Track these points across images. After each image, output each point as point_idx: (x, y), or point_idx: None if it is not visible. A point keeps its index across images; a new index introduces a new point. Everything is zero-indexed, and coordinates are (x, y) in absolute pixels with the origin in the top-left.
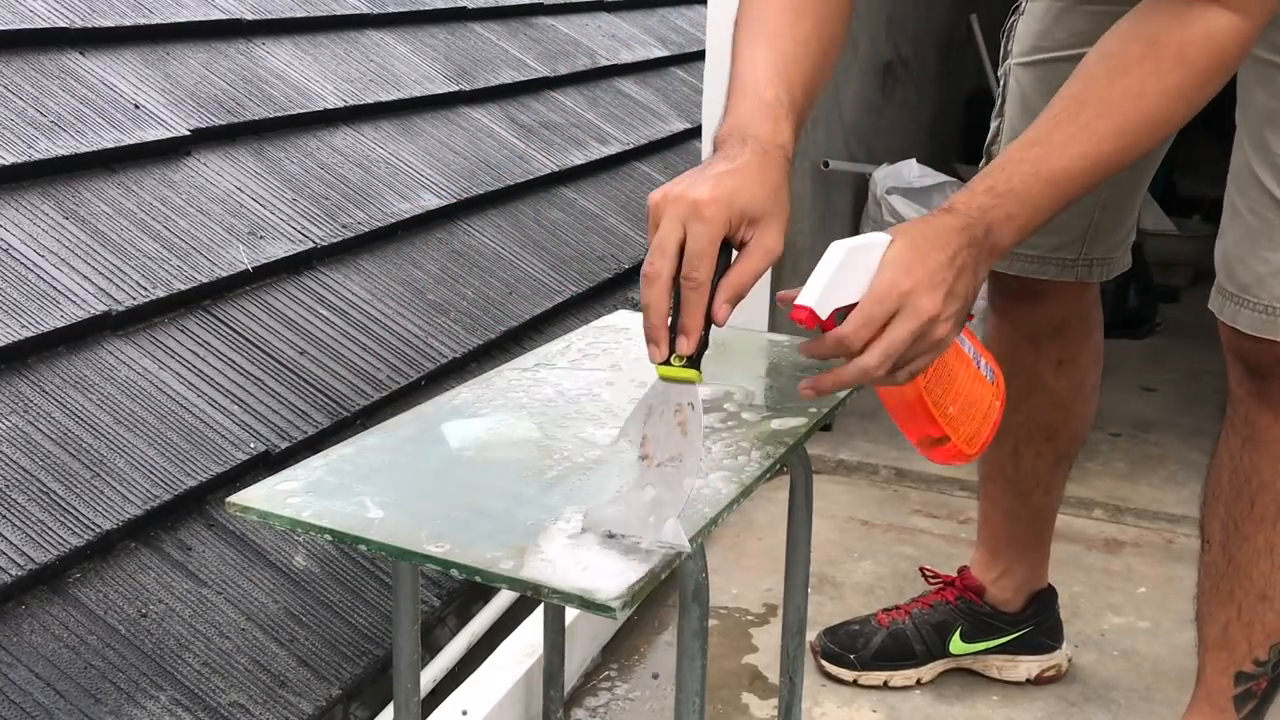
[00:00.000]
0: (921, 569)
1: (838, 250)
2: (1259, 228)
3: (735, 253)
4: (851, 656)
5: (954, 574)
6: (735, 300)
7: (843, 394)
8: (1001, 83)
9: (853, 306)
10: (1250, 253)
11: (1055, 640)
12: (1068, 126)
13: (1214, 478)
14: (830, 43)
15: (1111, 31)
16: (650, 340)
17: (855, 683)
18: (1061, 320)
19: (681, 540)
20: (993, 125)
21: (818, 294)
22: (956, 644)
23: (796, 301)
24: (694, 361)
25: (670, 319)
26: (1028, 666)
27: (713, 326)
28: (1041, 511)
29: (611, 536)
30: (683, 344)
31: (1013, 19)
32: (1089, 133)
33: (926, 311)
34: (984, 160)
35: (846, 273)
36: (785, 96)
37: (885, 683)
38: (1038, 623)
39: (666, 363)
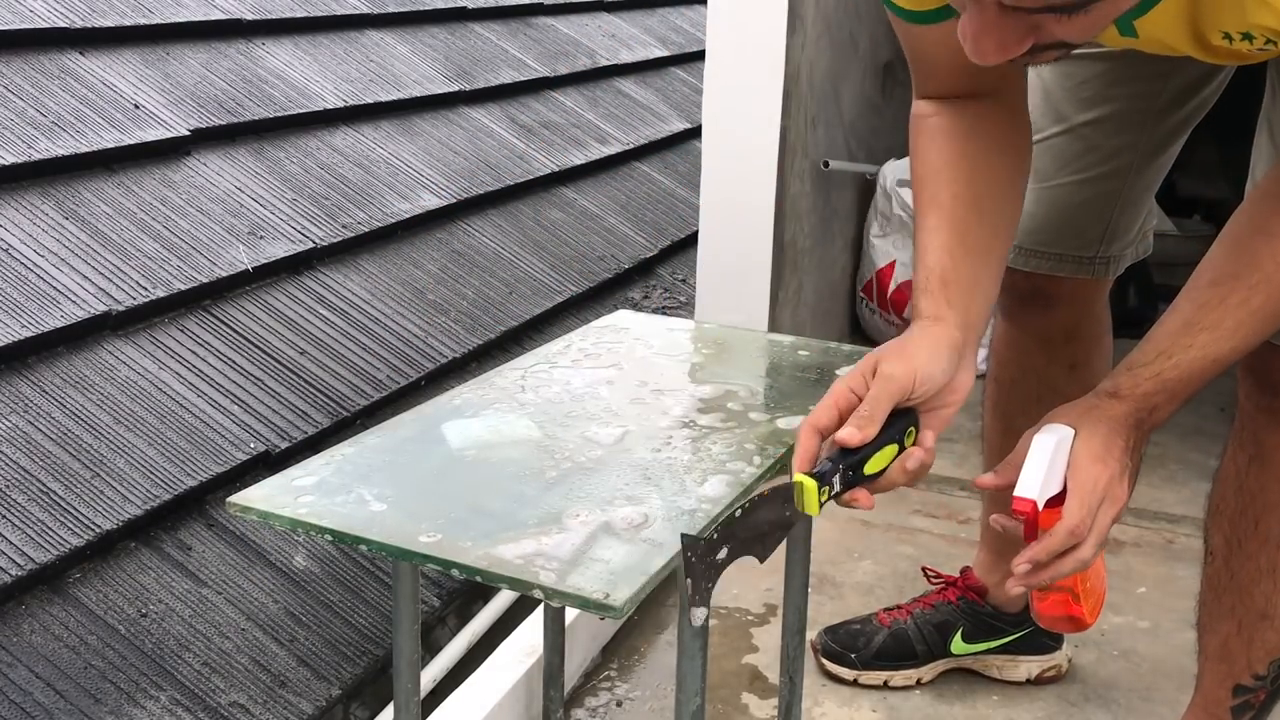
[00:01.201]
0: (924, 569)
1: (1048, 444)
2: None
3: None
4: (852, 655)
5: (955, 574)
6: (912, 480)
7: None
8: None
9: (1058, 495)
10: None
11: (1056, 641)
12: (1235, 311)
13: (1219, 490)
14: (1002, 193)
15: (1255, 192)
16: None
17: (855, 682)
18: (1074, 323)
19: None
20: None
21: (1038, 488)
22: (958, 644)
23: (1018, 494)
24: (821, 482)
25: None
26: (1028, 667)
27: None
28: None
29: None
30: (797, 461)
31: None
32: (1259, 316)
33: (1122, 499)
34: None
35: (1056, 464)
36: (945, 262)
37: (885, 682)
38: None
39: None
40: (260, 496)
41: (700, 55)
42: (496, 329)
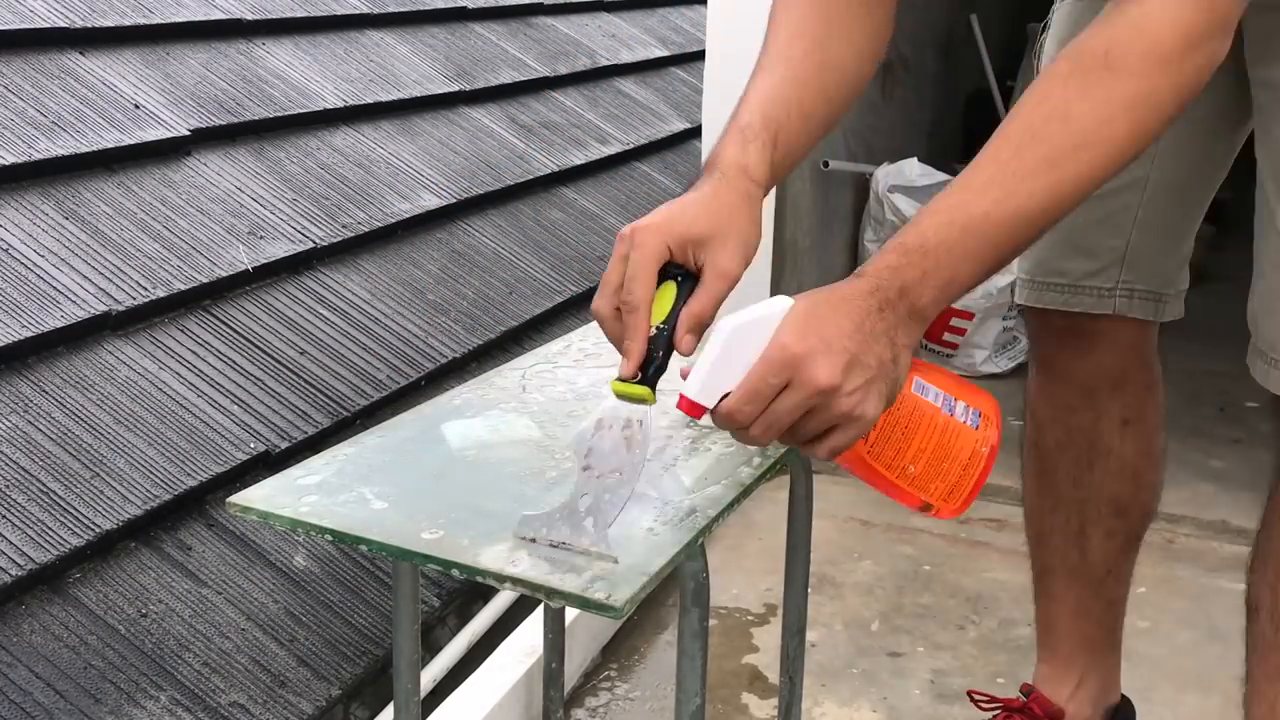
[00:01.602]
0: (970, 694)
1: (724, 330)
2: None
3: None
4: None
5: (1015, 695)
6: (696, 329)
7: None
8: None
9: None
10: (1275, 310)
11: None
12: (988, 168)
13: (1264, 540)
14: (832, 60)
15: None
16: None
17: None
18: (1121, 371)
19: (610, 550)
20: None
21: (698, 385)
22: None
23: (682, 391)
24: (648, 381)
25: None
26: None
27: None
28: (1114, 605)
29: (544, 544)
30: (623, 366)
31: (1043, 36)
32: (1009, 172)
33: (818, 383)
34: None
35: (735, 354)
36: (759, 119)
37: None
38: None
39: (622, 380)
40: (260, 496)
41: (700, 55)
42: (496, 329)
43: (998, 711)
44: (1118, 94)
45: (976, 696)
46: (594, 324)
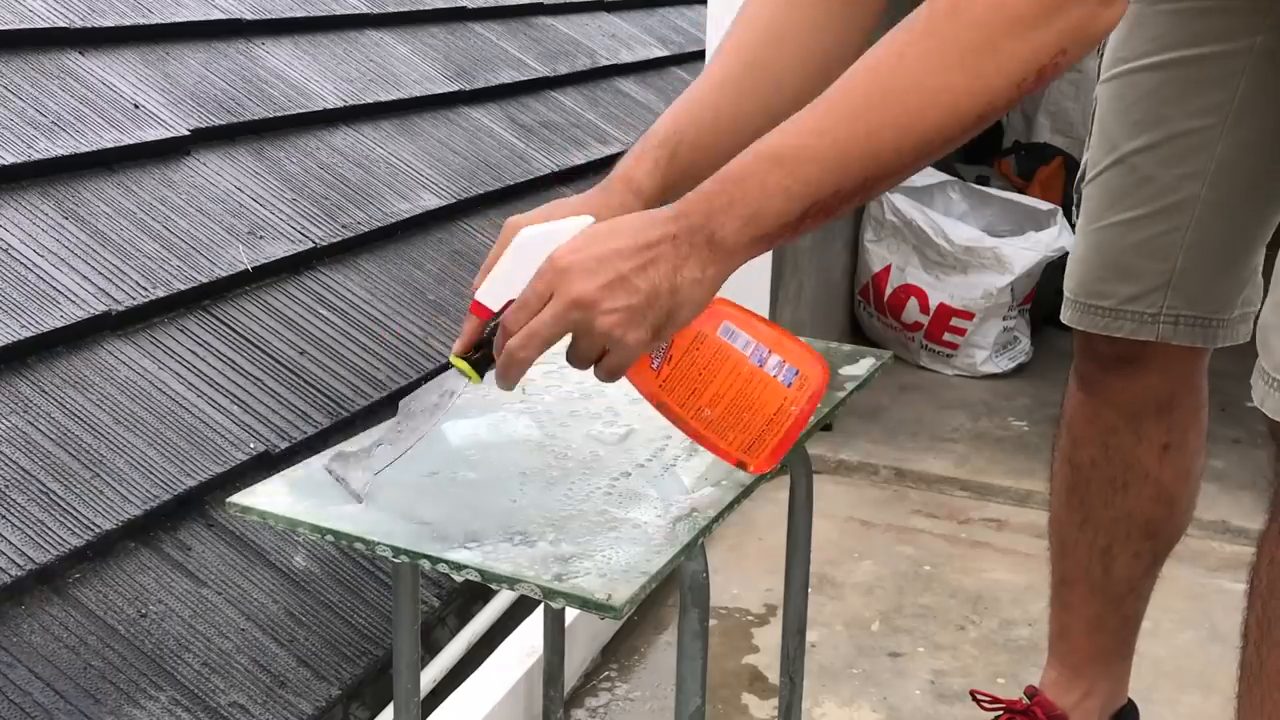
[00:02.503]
0: (973, 693)
1: (517, 240)
2: None
3: None
4: None
5: (1018, 697)
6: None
7: (844, 394)
8: (1094, 106)
9: None
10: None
11: None
12: (818, 106)
13: (1257, 566)
14: (780, 64)
15: None
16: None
17: None
18: (1168, 396)
19: (359, 489)
20: (1083, 159)
21: (485, 287)
22: None
23: (475, 295)
24: (477, 364)
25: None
26: None
27: None
28: (1131, 620)
29: (333, 477)
30: (457, 342)
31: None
32: (833, 109)
33: (573, 295)
34: (1075, 203)
35: (523, 263)
36: (662, 132)
37: None
38: None
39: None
40: (260, 496)
41: (700, 55)
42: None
43: (1000, 712)
44: (956, 43)
45: (979, 696)
46: None
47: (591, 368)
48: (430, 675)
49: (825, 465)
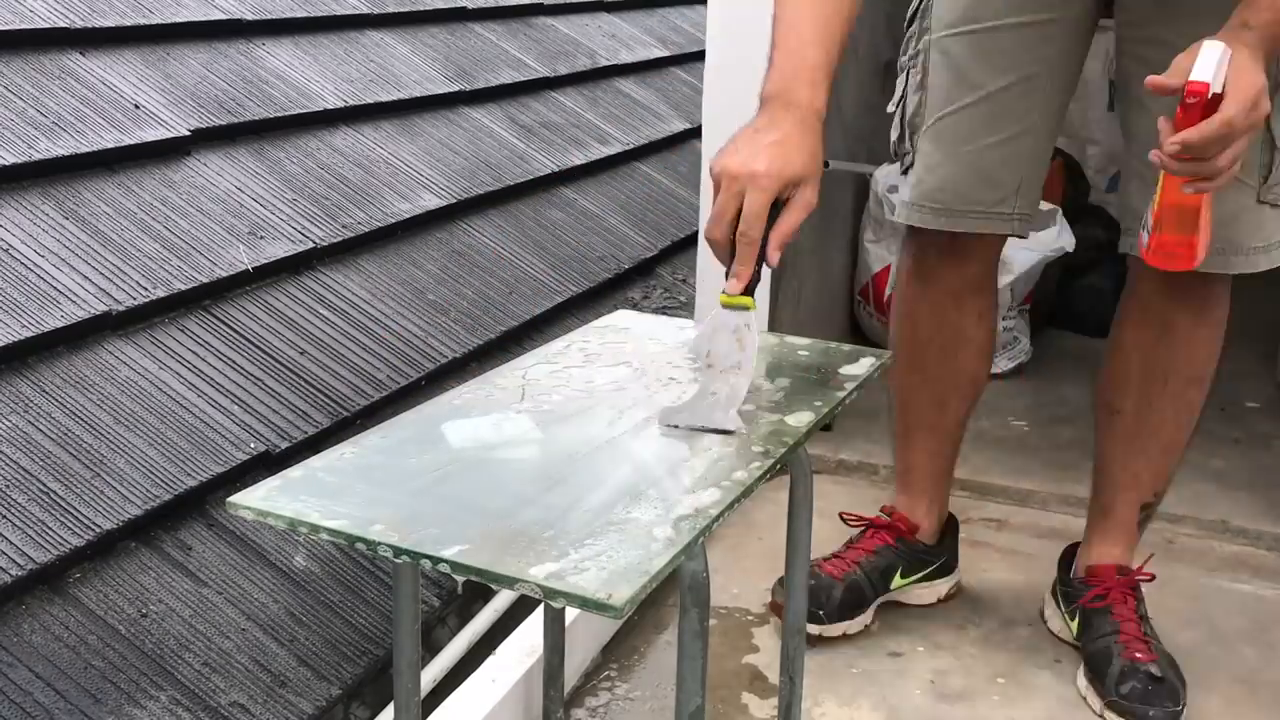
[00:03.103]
0: (843, 515)
1: (1216, 47)
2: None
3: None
4: (820, 611)
5: (875, 515)
6: (783, 245)
7: (843, 394)
8: (918, 60)
9: (1217, 97)
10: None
11: (956, 560)
12: None
13: (1120, 364)
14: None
15: None
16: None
17: (821, 636)
18: (983, 276)
19: (738, 424)
20: (910, 101)
21: (1212, 74)
22: (897, 581)
23: (1194, 78)
24: (749, 292)
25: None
26: (940, 589)
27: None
28: (957, 447)
29: (685, 428)
30: (731, 284)
31: (923, 2)
32: None
33: (1266, 108)
34: (905, 133)
35: (1220, 66)
36: (823, 58)
37: (844, 633)
38: (951, 550)
39: (730, 295)
40: (259, 496)
41: (700, 55)
42: (496, 329)
43: (865, 528)
44: None
45: (846, 517)
46: (595, 324)
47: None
48: (430, 675)
49: (825, 465)
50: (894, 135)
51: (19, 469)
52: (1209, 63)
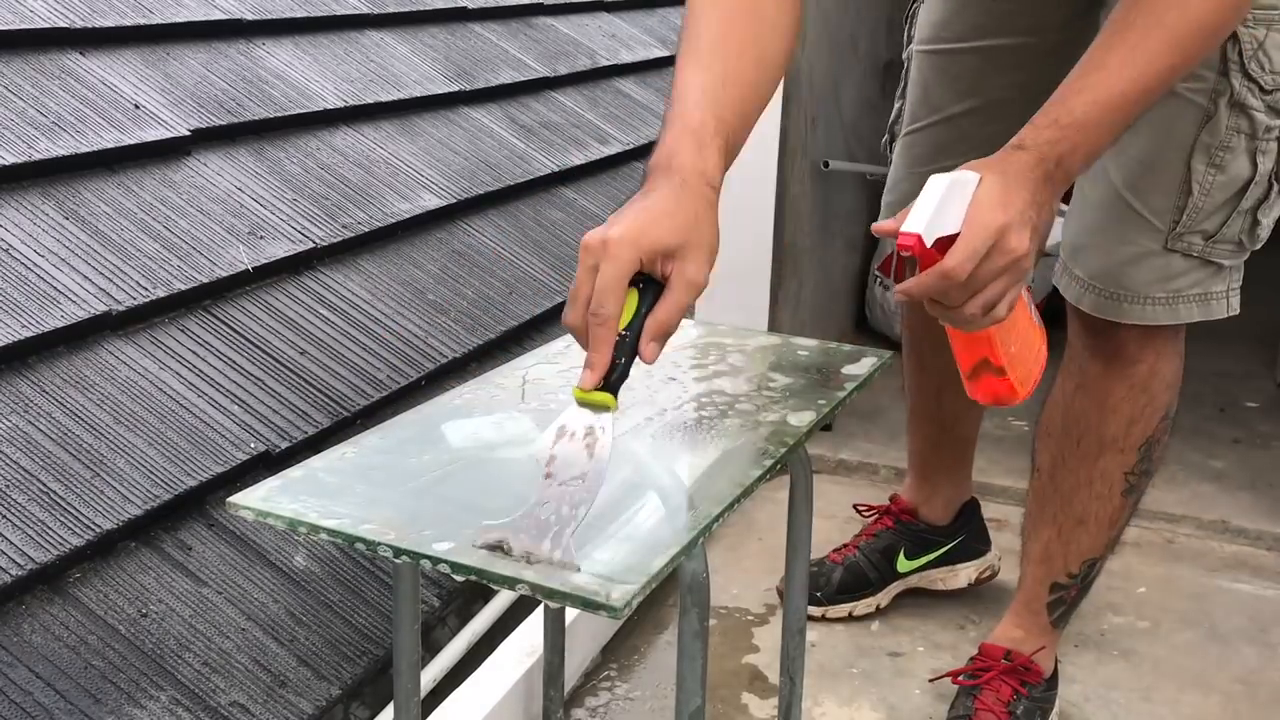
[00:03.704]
0: (855, 505)
1: (939, 183)
2: (1104, 222)
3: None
4: (818, 594)
5: (886, 504)
6: (660, 338)
7: (844, 394)
8: (905, 65)
9: (950, 238)
10: (1098, 244)
11: (984, 545)
12: (1119, 50)
13: (1047, 415)
14: (767, 59)
15: None
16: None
17: (824, 617)
18: None
19: (571, 557)
20: (895, 106)
21: (925, 223)
22: (902, 563)
23: (903, 229)
24: (610, 388)
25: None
26: (966, 573)
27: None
28: (962, 440)
29: (502, 551)
30: (585, 377)
31: (915, 4)
32: (1139, 53)
33: (1017, 249)
34: (887, 139)
35: (946, 205)
36: (712, 120)
37: (850, 613)
38: (968, 531)
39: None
40: (259, 496)
41: None
42: (496, 329)
43: (875, 515)
44: None
45: (859, 507)
46: None
47: (982, 311)
48: (430, 675)
49: (825, 465)
50: (882, 139)
51: (19, 469)
52: (926, 206)
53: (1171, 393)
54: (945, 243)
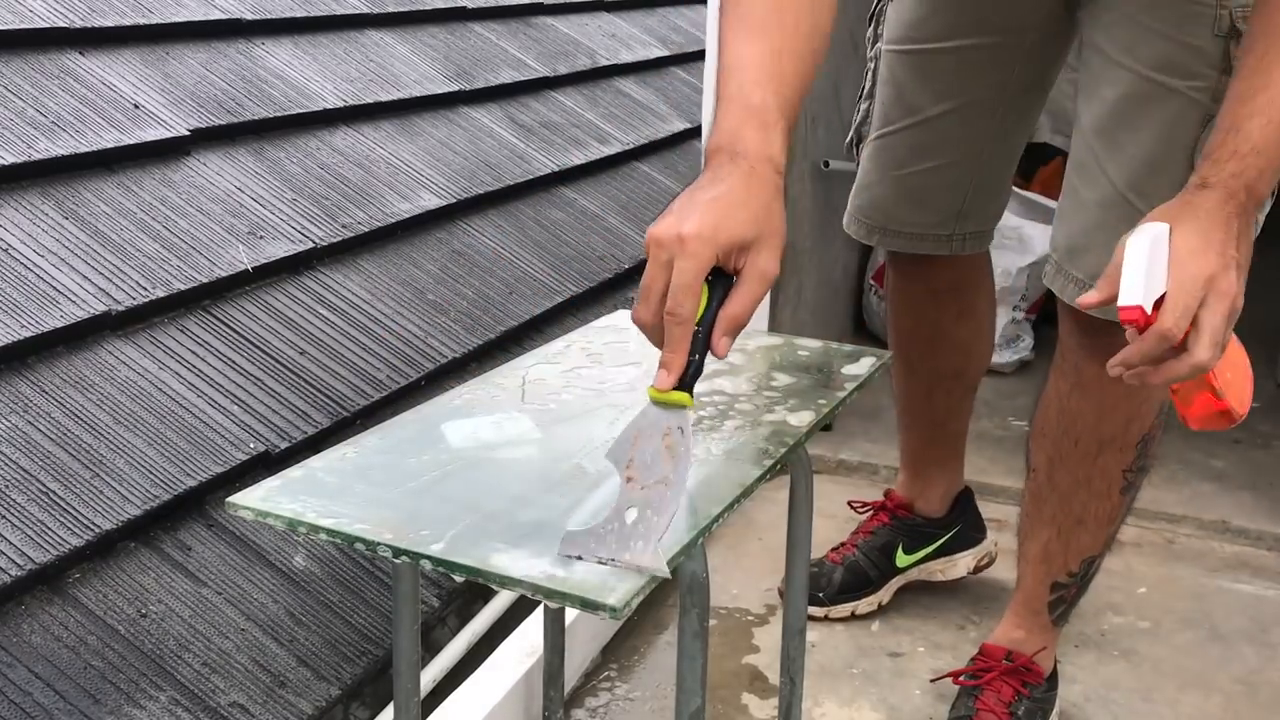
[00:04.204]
0: (850, 502)
1: (1142, 245)
2: (1106, 222)
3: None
4: (820, 595)
5: (880, 499)
6: (734, 332)
7: (844, 394)
8: (871, 65)
9: (1161, 298)
10: (1100, 244)
11: (981, 533)
12: (1279, 65)
13: (1041, 415)
14: (820, 29)
15: None
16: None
17: (827, 617)
18: (956, 280)
19: (661, 567)
20: (861, 107)
21: (1143, 292)
22: (901, 558)
23: (1123, 304)
24: (685, 386)
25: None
26: (965, 562)
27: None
28: (955, 434)
29: (591, 560)
30: (661, 377)
31: (882, 3)
32: None
33: (1230, 292)
34: (852, 139)
35: (1152, 266)
36: (774, 99)
37: (853, 612)
38: (964, 520)
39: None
40: (259, 496)
41: (700, 55)
42: (496, 329)
43: (870, 511)
44: None
45: (855, 504)
46: (595, 324)
47: (1217, 357)
48: (430, 675)
49: (825, 465)
50: (846, 138)
51: (19, 469)
52: (1136, 271)
53: (1166, 389)
54: (1157, 304)
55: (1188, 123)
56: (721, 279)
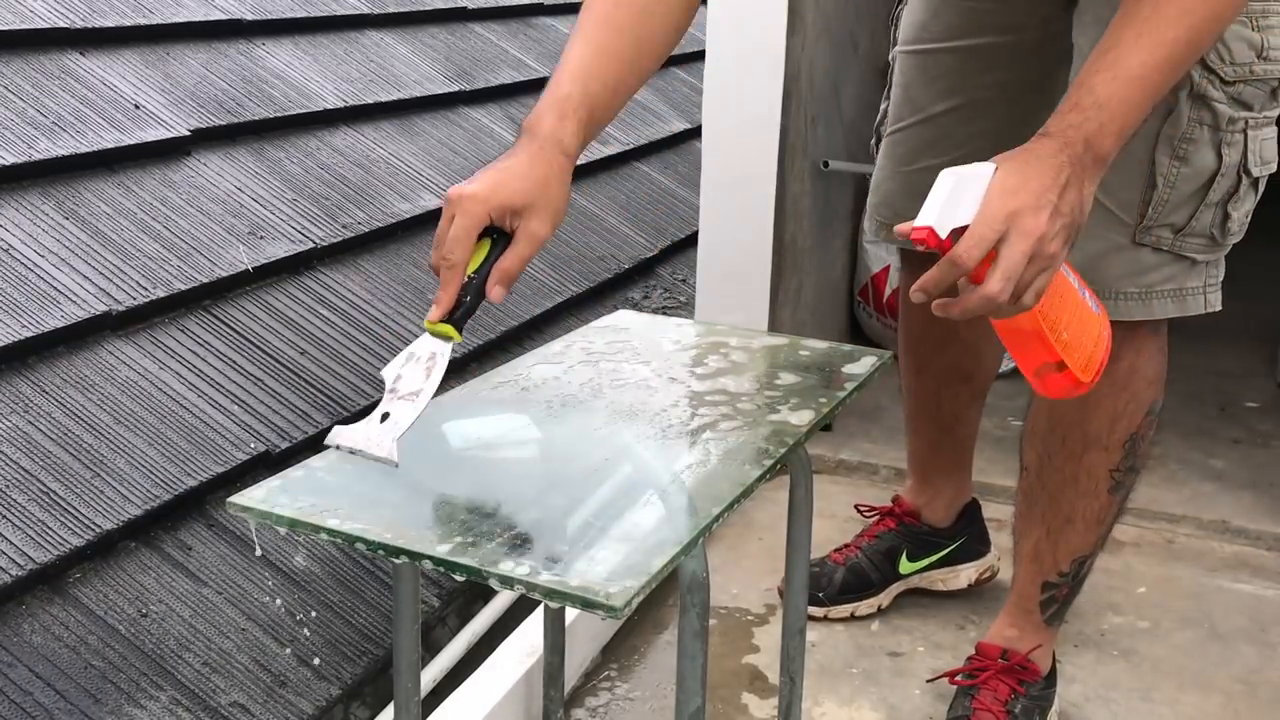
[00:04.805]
0: (857, 506)
1: (948, 177)
2: (1094, 232)
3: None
4: (820, 594)
5: (888, 504)
6: (504, 282)
7: (844, 394)
8: (891, 66)
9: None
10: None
11: (985, 546)
12: (1133, 25)
13: (1033, 415)
14: (647, 35)
15: None
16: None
17: (826, 617)
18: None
19: (393, 456)
20: (881, 107)
21: (936, 215)
22: (904, 564)
23: (915, 223)
24: (454, 322)
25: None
26: (967, 574)
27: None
28: (962, 441)
29: (345, 449)
30: (433, 312)
31: (899, 7)
32: (1152, 23)
33: (1035, 231)
34: (874, 140)
35: (958, 198)
36: (578, 93)
37: (852, 613)
38: (970, 532)
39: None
40: (260, 496)
41: (700, 55)
42: (496, 329)
43: (877, 516)
44: None
45: (861, 508)
46: (595, 324)
47: (1007, 293)
48: (430, 675)
49: (825, 465)
50: (872, 140)
51: (19, 469)
52: (936, 199)
53: (1155, 389)
54: (960, 234)
55: (1149, 116)
56: (503, 238)
